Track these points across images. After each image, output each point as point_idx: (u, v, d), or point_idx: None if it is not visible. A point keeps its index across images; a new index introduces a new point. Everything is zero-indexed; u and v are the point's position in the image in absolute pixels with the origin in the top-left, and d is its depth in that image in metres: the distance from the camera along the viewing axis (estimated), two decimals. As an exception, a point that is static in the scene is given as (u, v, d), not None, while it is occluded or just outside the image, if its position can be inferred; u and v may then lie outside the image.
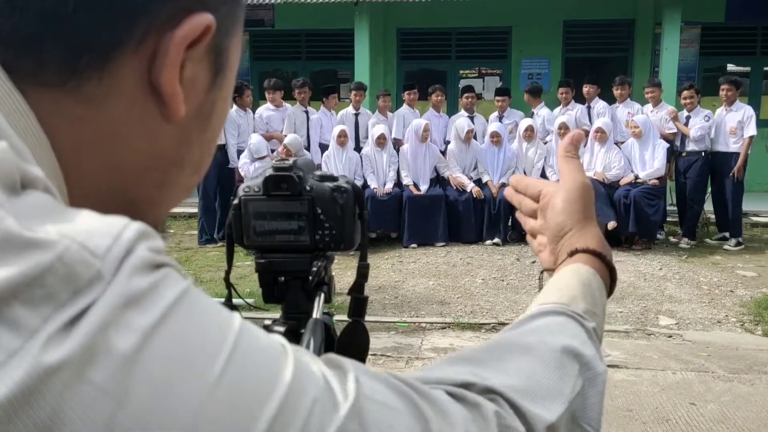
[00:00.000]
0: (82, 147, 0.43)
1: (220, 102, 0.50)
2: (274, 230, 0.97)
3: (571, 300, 0.65)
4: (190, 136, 0.49)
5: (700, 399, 4.26)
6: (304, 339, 0.95)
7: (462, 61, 12.88)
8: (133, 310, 0.33)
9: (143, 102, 0.44)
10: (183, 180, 0.51)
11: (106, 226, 0.35)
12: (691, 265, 7.53)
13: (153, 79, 0.44)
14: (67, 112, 0.42)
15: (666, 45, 10.64)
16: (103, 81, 0.42)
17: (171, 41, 0.43)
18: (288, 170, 0.96)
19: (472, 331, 5.52)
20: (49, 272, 0.32)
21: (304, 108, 9.10)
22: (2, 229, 0.32)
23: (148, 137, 0.46)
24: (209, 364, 0.34)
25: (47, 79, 0.41)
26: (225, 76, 0.49)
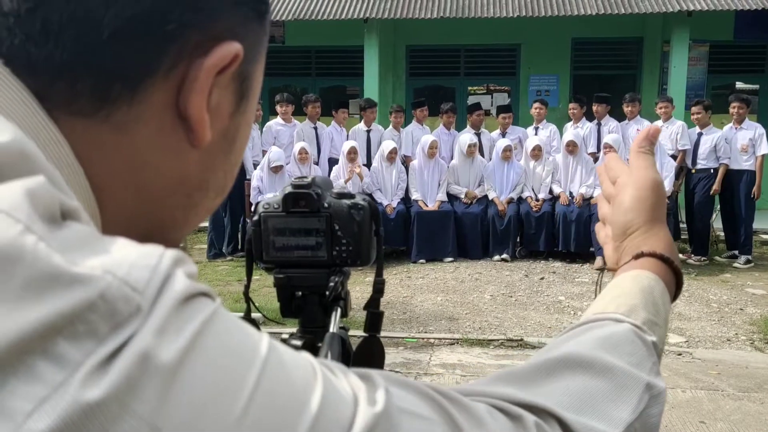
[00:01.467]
0: (111, 173, 0.44)
1: (244, 126, 0.51)
2: (293, 246, 1.00)
3: (631, 310, 0.62)
4: (214, 160, 0.49)
5: (710, 417, 4.24)
6: (321, 353, 0.97)
7: (471, 77, 12.95)
8: (169, 338, 0.34)
9: (170, 128, 0.45)
10: (206, 203, 0.51)
11: (143, 257, 0.35)
12: (700, 283, 7.51)
13: (180, 106, 0.44)
14: (98, 139, 0.43)
15: (674, 63, 10.68)
16: (132, 108, 0.43)
17: (201, 69, 0.44)
18: (306, 188, 0.99)
19: (481, 347, 5.52)
20: (91, 309, 0.32)
21: (313, 124, 9.16)
22: (50, 264, 0.33)
23: (174, 162, 0.46)
24: (239, 387, 0.35)
25: (80, 107, 0.42)
26: (249, 102, 0.50)
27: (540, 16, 10.73)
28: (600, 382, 0.53)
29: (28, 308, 0.32)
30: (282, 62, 12.96)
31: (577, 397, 0.51)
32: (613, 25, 11.65)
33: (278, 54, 12.77)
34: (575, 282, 7.52)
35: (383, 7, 11.22)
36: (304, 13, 11.28)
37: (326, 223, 0.98)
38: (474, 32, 11.90)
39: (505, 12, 10.86)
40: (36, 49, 0.41)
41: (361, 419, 0.38)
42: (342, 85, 13.15)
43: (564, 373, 0.53)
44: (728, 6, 10.34)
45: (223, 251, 8.60)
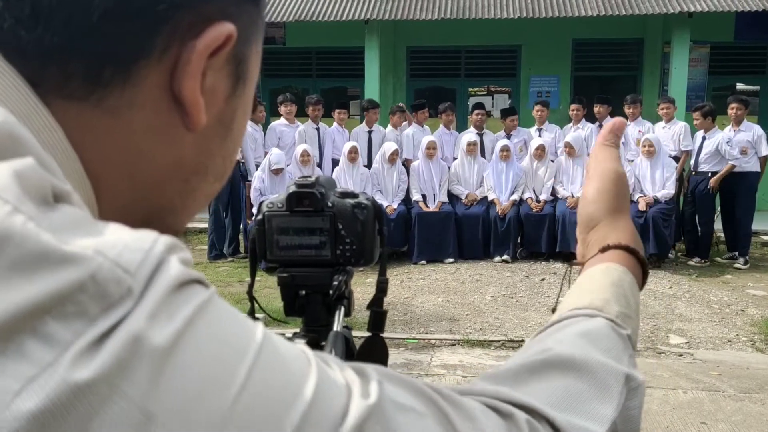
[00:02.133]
0: (106, 158, 0.43)
1: (241, 110, 0.50)
2: (297, 245, 1.00)
3: (605, 304, 0.62)
4: (211, 144, 0.49)
5: (711, 418, 4.24)
6: (325, 351, 0.97)
7: (471, 79, 12.96)
8: (161, 322, 0.33)
9: (165, 111, 0.44)
10: (205, 188, 0.51)
11: (137, 241, 0.35)
12: (701, 284, 7.51)
13: (174, 89, 0.44)
14: (91, 124, 0.42)
15: (675, 64, 10.69)
16: (126, 91, 0.42)
17: (193, 50, 0.43)
18: (310, 187, 0.99)
19: (482, 348, 5.52)
20: (81, 289, 0.32)
21: (315, 125, 9.18)
22: (39, 242, 0.32)
23: (170, 146, 0.46)
24: (232, 374, 0.35)
25: (72, 91, 0.41)
26: (245, 85, 0.50)
27: (540, 17, 10.74)
28: (583, 380, 0.53)
29: (17, 287, 0.31)
30: (282, 63, 12.96)
31: (563, 396, 0.51)
32: (614, 26, 11.66)
33: (279, 55, 12.78)
34: (576, 283, 7.51)
35: (384, 8, 11.23)
36: (304, 14, 11.29)
37: (330, 222, 0.99)
38: (474, 33, 11.91)
39: (506, 13, 10.86)
40: (26, 33, 0.40)
41: (354, 410, 0.38)
42: (342, 86, 13.16)
43: (549, 372, 0.53)
44: (729, 7, 10.34)
45: (224, 252, 8.60)
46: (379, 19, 11.10)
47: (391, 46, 12.40)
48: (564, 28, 11.72)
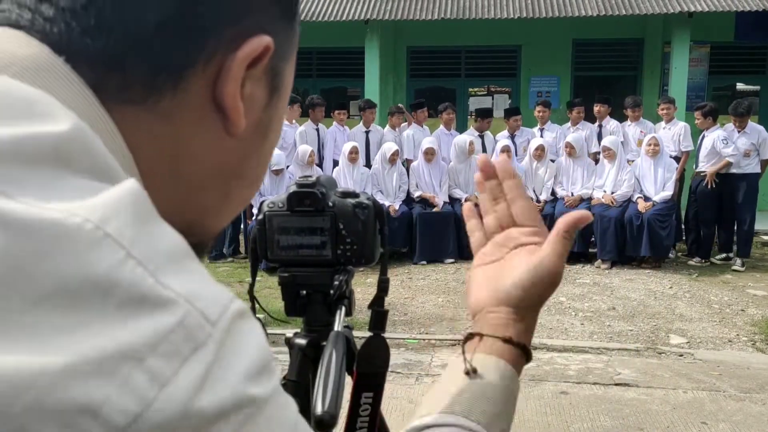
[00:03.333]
0: (156, 161, 0.47)
1: (276, 120, 0.55)
2: (298, 245, 1.00)
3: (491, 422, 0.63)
4: (249, 150, 0.53)
5: (712, 418, 4.24)
6: (326, 351, 0.97)
7: (471, 79, 12.96)
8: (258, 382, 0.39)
9: (209, 117, 0.48)
10: (242, 192, 0.55)
11: (218, 296, 0.39)
12: (701, 284, 7.51)
13: (217, 96, 0.48)
14: (145, 127, 0.46)
15: (675, 64, 10.68)
16: (176, 97, 0.46)
17: (234, 59, 0.48)
18: (311, 187, 0.99)
19: (482, 348, 5.51)
20: (174, 332, 0.36)
21: (315, 125, 9.18)
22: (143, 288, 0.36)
23: (213, 150, 0.50)
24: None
25: (130, 96, 0.45)
26: (280, 96, 0.54)
27: (540, 17, 10.73)
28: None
29: (123, 326, 0.35)
30: (283, 64, 12.95)
31: None
32: (614, 26, 11.66)
33: (279, 55, 12.76)
34: (576, 283, 7.52)
35: (384, 8, 11.23)
36: (305, 14, 11.28)
37: (331, 222, 0.98)
38: (475, 33, 11.90)
39: (506, 13, 10.86)
40: (92, 42, 0.44)
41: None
42: (343, 86, 13.16)
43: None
44: (729, 7, 10.34)
45: (224, 252, 8.60)
46: (379, 19, 11.10)
47: (392, 46, 12.40)
48: (564, 28, 11.72)
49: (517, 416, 2.75)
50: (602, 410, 4.36)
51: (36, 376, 0.33)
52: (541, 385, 4.76)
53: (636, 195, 8.25)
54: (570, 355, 5.36)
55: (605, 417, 4.27)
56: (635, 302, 6.78)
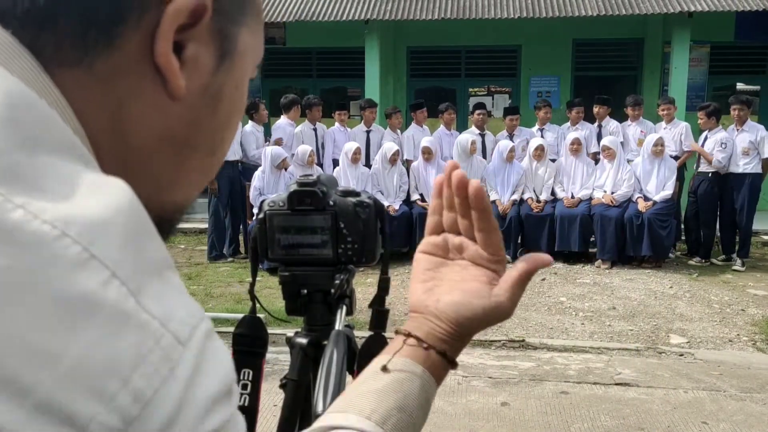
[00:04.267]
0: (100, 127, 0.46)
1: (230, 86, 0.52)
2: (298, 244, 0.99)
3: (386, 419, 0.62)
4: (198, 117, 0.51)
5: (713, 418, 4.24)
6: (327, 350, 0.96)
7: (471, 79, 12.95)
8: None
9: (149, 80, 0.47)
10: (197, 163, 0.53)
11: (188, 316, 0.40)
12: (701, 284, 7.50)
13: (153, 56, 0.46)
14: (85, 91, 0.45)
15: (675, 64, 10.68)
16: (111, 57, 0.45)
17: (164, 14, 0.46)
18: (312, 185, 0.99)
19: (482, 348, 5.51)
20: (153, 352, 0.38)
21: (312, 125, 9.17)
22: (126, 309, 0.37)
23: (157, 115, 0.48)
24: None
25: (65, 57, 0.44)
26: (233, 62, 0.51)
27: (540, 17, 10.73)
28: None
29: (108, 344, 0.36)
30: (282, 63, 12.96)
31: None
32: (614, 26, 11.65)
33: (279, 55, 12.77)
34: (576, 283, 7.51)
35: (384, 8, 11.22)
36: (304, 15, 11.28)
37: (331, 221, 0.98)
38: (475, 33, 11.90)
39: (506, 13, 10.85)
40: (20, 1, 0.43)
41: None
42: (343, 86, 13.16)
43: None
44: (729, 7, 10.33)
45: (224, 253, 8.59)
46: (379, 19, 11.09)
47: (392, 46, 12.40)
48: (564, 28, 11.72)
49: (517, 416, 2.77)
50: (602, 410, 4.36)
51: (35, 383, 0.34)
52: (541, 385, 4.76)
53: (636, 195, 8.24)
54: (570, 355, 5.35)
55: (606, 417, 4.27)
56: (635, 302, 6.77)
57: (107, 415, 0.35)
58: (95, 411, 0.35)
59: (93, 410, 0.35)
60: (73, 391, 0.35)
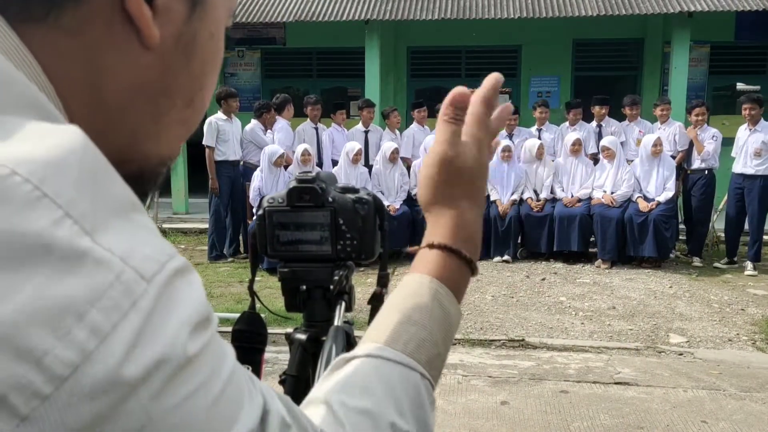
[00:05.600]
0: (71, 81, 0.46)
1: (203, 34, 0.52)
2: (297, 240, 1.00)
3: (418, 347, 0.60)
4: (172, 65, 0.50)
5: (712, 417, 4.24)
6: (326, 346, 0.97)
7: (472, 79, 12.94)
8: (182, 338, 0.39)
9: (120, 29, 0.47)
10: (176, 113, 0.52)
11: (154, 253, 0.40)
12: (701, 284, 7.50)
13: (124, 4, 0.46)
14: (54, 46, 0.44)
15: (675, 64, 10.68)
16: (79, 9, 0.45)
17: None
18: (311, 182, 0.99)
19: (482, 347, 5.52)
20: (113, 287, 0.37)
21: (314, 125, 9.18)
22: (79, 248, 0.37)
23: (129, 66, 0.48)
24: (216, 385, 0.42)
25: (33, 12, 0.44)
26: (204, 10, 0.51)
27: (540, 17, 10.74)
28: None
29: (62, 282, 0.36)
30: (283, 63, 12.97)
31: None
32: (614, 26, 11.66)
33: (279, 55, 12.79)
34: (576, 282, 7.52)
35: (384, 8, 11.23)
36: (304, 15, 11.29)
37: (331, 217, 0.99)
38: (475, 33, 11.90)
39: (506, 13, 10.86)
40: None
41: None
42: (343, 86, 13.16)
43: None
44: (729, 7, 10.34)
45: (224, 253, 8.60)
46: (379, 19, 11.10)
47: (392, 46, 12.40)
48: (564, 28, 11.72)
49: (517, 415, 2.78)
50: (602, 409, 4.37)
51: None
52: (541, 384, 4.76)
53: (636, 195, 8.25)
54: (570, 354, 5.36)
55: (605, 416, 4.27)
56: (635, 302, 6.78)
57: (63, 349, 0.35)
58: (50, 345, 0.35)
59: (48, 345, 0.35)
60: (26, 327, 0.35)
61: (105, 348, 0.36)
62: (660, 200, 8.07)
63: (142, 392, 0.37)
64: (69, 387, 0.35)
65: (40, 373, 0.35)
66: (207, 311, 0.42)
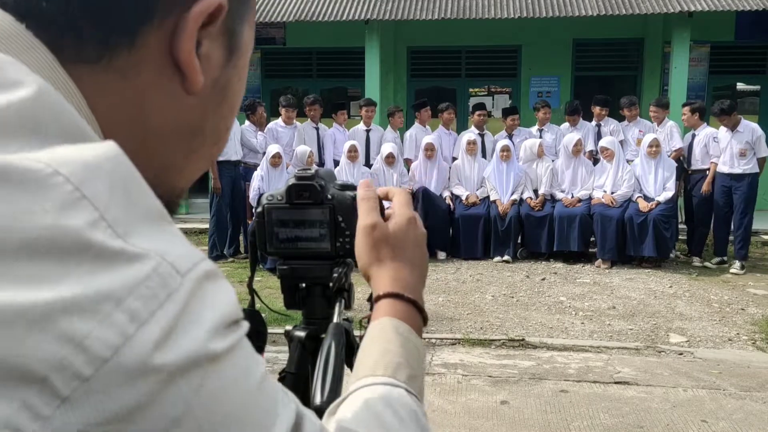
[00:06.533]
0: (116, 119, 0.48)
1: (235, 79, 0.56)
2: (297, 237, 1.00)
3: (396, 369, 0.67)
4: (209, 108, 0.54)
5: (712, 416, 4.24)
6: (325, 343, 0.97)
7: (472, 79, 12.96)
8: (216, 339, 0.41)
9: (167, 75, 0.50)
10: (205, 150, 0.56)
11: (188, 254, 0.42)
12: (701, 283, 7.50)
13: (174, 53, 0.49)
14: (103, 85, 0.47)
15: (675, 64, 10.68)
16: (132, 55, 0.48)
17: (189, 16, 0.49)
18: (310, 179, 0.99)
19: (482, 347, 5.52)
20: (150, 278, 0.39)
21: (314, 125, 9.18)
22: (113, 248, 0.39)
23: (171, 107, 0.51)
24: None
25: (86, 55, 0.46)
26: (238, 57, 0.55)
27: (540, 17, 10.73)
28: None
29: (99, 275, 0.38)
30: (283, 64, 12.97)
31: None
32: (614, 26, 11.66)
33: (279, 55, 12.78)
34: (576, 282, 7.52)
35: (384, 8, 11.23)
36: (304, 15, 11.29)
37: (330, 214, 0.99)
38: (475, 33, 11.90)
39: (506, 13, 10.86)
40: (47, 5, 0.45)
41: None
42: (343, 86, 13.16)
43: None
44: (729, 6, 10.33)
45: (225, 253, 8.60)
46: (379, 19, 11.10)
47: (392, 46, 12.40)
48: (564, 28, 11.72)
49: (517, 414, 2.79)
50: (602, 408, 4.37)
51: (26, 308, 0.36)
52: (541, 384, 4.76)
53: (636, 195, 8.24)
54: (570, 354, 5.36)
55: (605, 415, 4.27)
56: (635, 301, 6.78)
57: (104, 331, 0.37)
58: (91, 328, 0.36)
59: (89, 327, 0.36)
60: (67, 311, 0.36)
61: (143, 333, 0.37)
62: (660, 200, 8.07)
63: (179, 380, 0.38)
64: (109, 369, 0.36)
65: (80, 353, 0.36)
66: (239, 314, 0.43)
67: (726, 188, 8.22)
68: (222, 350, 0.41)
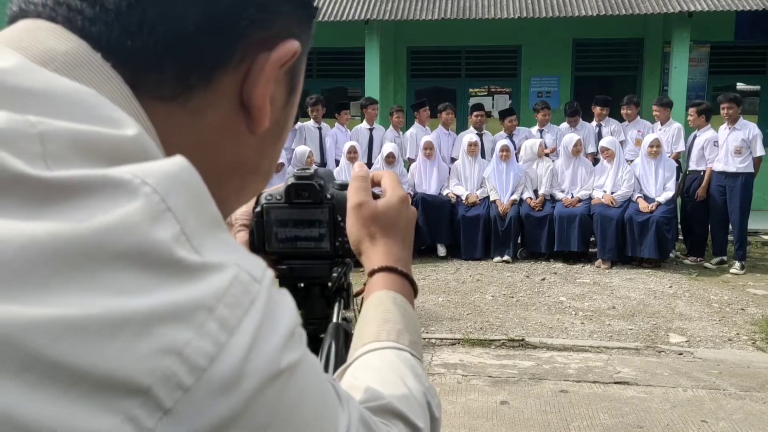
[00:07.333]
0: (182, 152, 0.48)
1: (291, 117, 0.58)
2: (296, 237, 1.00)
3: (399, 335, 0.71)
4: (267, 147, 0.56)
5: (712, 416, 4.24)
6: (325, 343, 0.97)
7: (472, 79, 12.96)
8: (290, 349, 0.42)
9: (235, 115, 0.51)
10: (255, 186, 0.58)
11: (256, 261, 0.42)
12: (701, 283, 7.50)
13: (244, 95, 0.50)
14: (176, 122, 0.48)
15: (675, 64, 10.68)
16: (207, 95, 0.49)
17: (268, 61, 0.50)
18: (309, 179, 0.99)
19: (482, 347, 5.52)
20: (233, 286, 0.39)
21: (317, 125, 9.18)
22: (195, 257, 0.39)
23: (236, 146, 0.52)
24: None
25: (164, 93, 0.47)
26: (295, 96, 0.57)
27: (540, 17, 10.73)
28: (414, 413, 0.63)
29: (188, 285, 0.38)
30: (283, 64, 12.94)
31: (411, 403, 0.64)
32: (614, 26, 11.65)
33: (279, 55, 12.75)
34: (576, 282, 7.52)
35: (384, 8, 11.23)
36: (305, 15, 11.27)
37: (329, 214, 0.98)
38: (475, 34, 11.90)
39: (506, 13, 10.86)
40: (131, 42, 0.46)
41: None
42: (343, 86, 13.16)
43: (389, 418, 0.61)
44: (729, 6, 10.33)
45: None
46: (379, 20, 11.09)
47: (392, 46, 12.40)
48: (564, 28, 11.71)
49: (517, 414, 2.81)
50: (602, 408, 4.36)
51: (128, 318, 0.35)
52: (541, 384, 4.76)
53: (636, 195, 8.24)
54: (570, 354, 5.36)
55: (605, 415, 4.27)
56: (635, 301, 6.77)
57: (200, 341, 0.36)
58: (189, 337, 0.36)
59: (187, 336, 0.36)
60: (165, 320, 0.36)
61: (235, 341, 0.38)
62: (660, 200, 8.07)
63: (267, 388, 0.38)
64: (207, 379, 0.36)
65: (183, 363, 0.36)
66: (299, 323, 0.44)
67: (721, 188, 8.19)
68: (299, 355, 0.41)
